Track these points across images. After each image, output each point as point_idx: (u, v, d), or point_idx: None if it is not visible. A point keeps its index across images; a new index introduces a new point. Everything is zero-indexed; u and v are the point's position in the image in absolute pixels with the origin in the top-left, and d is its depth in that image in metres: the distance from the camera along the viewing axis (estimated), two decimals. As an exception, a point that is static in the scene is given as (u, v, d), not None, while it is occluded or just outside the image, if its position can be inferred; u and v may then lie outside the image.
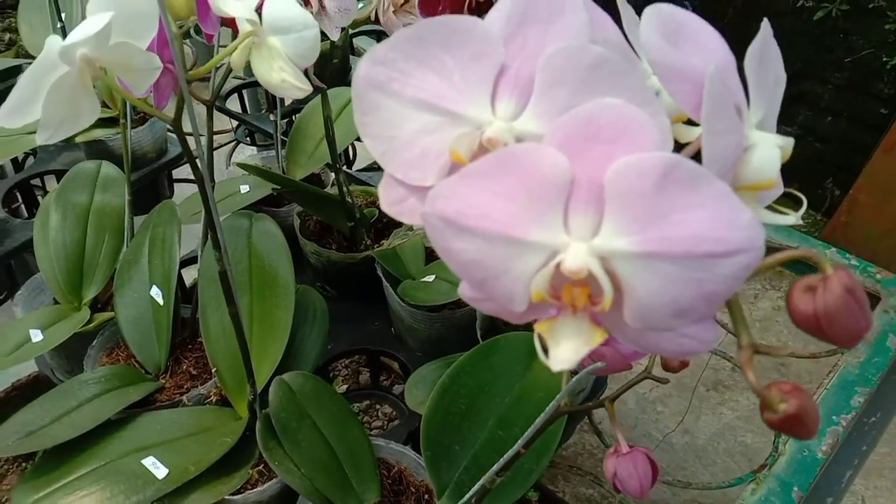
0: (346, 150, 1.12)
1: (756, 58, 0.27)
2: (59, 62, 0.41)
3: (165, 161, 1.13)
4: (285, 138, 0.98)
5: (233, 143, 1.29)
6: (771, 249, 0.22)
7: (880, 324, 0.99)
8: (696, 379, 1.93)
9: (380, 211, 0.89)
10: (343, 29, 0.66)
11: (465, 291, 0.26)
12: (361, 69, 0.28)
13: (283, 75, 0.41)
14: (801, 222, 0.28)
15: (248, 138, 1.27)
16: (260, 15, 0.42)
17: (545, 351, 0.24)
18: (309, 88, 0.42)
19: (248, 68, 0.48)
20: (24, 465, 1.59)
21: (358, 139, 0.93)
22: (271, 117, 0.96)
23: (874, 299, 1.04)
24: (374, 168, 1.19)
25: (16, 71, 1.26)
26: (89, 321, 0.78)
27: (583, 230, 0.23)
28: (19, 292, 0.86)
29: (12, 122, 0.42)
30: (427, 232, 0.25)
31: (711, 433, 1.83)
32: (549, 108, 0.26)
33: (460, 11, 0.56)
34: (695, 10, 0.29)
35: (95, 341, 0.77)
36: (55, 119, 0.42)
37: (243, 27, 0.41)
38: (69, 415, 0.65)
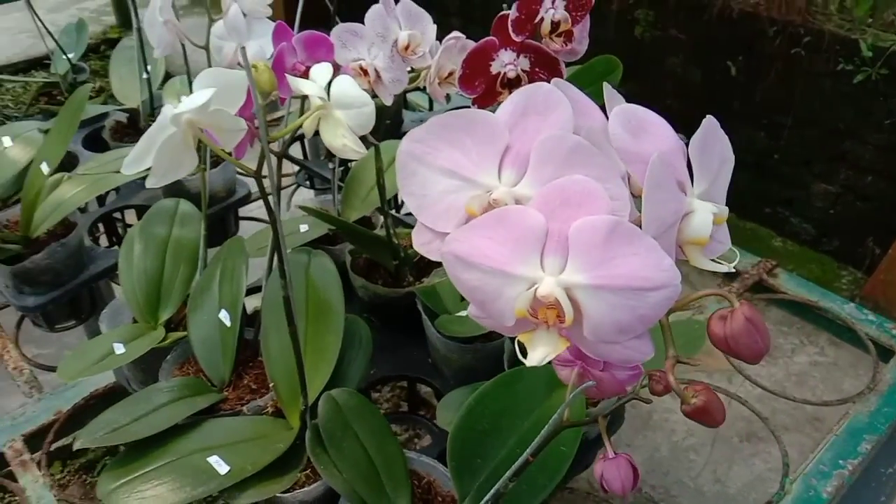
0: (395, 197, 1.22)
1: (698, 146, 0.36)
2: (170, 125, 0.52)
3: (234, 200, 1.25)
4: (341, 184, 1.09)
5: (294, 186, 1.42)
6: (795, 304, 0.31)
7: (892, 376, 1.05)
8: (730, 429, 1.96)
9: (422, 252, 0.99)
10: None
11: (472, 311, 0.36)
12: (404, 145, 0.38)
13: (345, 141, 0.51)
14: (732, 270, 0.36)
15: (307, 182, 1.39)
16: (328, 92, 0.52)
17: (524, 354, 0.33)
18: (364, 151, 0.52)
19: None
20: (84, 476, 1.71)
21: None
22: (330, 165, 1.07)
23: (888, 353, 1.09)
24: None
25: (103, 116, 1.41)
26: (164, 339, 0.89)
27: (553, 268, 0.32)
28: (104, 311, 0.98)
29: (131, 170, 0.53)
30: (444, 265, 0.34)
31: (743, 483, 1.85)
32: (540, 179, 0.36)
33: (493, 87, 0.66)
34: (737, 72, 0.37)
35: (169, 356, 0.87)
36: (162, 169, 0.54)
37: (315, 102, 0.52)
38: (146, 416, 0.76)
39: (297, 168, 1.40)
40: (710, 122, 0.37)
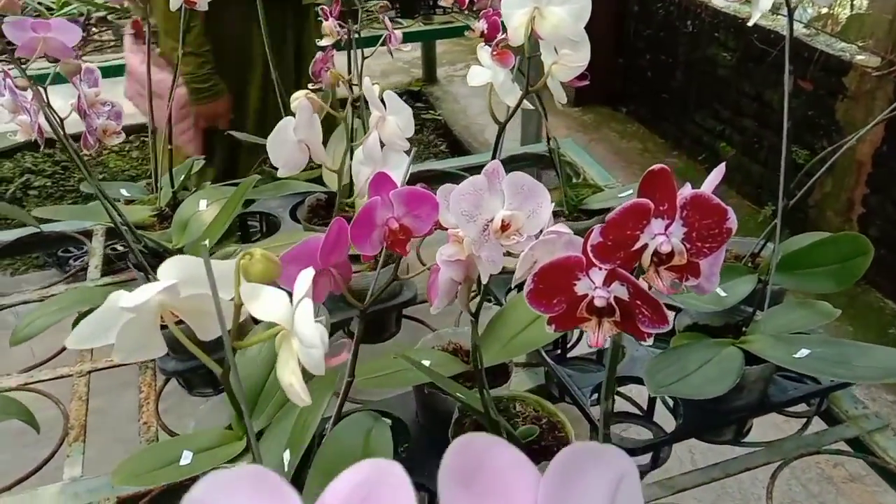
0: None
1: None
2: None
3: (397, 303, 1.19)
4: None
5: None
6: None
7: None
8: None
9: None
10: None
11: None
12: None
13: (293, 379, 0.40)
14: None
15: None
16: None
17: None
18: (309, 402, 0.41)
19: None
20: None
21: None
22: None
23: None
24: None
25: (307, 193, 1.38)
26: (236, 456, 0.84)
27: None
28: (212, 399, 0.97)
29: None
30: None
31: None
32: None
33: (576, 310, 0.50)
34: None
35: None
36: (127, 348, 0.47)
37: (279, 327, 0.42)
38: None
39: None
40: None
